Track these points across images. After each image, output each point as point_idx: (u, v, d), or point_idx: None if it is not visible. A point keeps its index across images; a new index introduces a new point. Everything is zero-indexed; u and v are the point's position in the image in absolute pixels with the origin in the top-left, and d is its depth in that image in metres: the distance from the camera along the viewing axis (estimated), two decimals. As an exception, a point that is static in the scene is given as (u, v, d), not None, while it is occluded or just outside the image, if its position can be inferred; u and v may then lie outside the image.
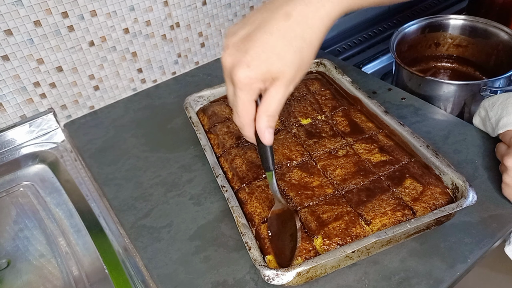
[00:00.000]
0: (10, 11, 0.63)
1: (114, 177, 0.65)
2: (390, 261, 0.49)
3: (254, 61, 0.41)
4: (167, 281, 0.50)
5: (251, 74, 0.41)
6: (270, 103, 0.43)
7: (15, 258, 0.59)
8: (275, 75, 0.42)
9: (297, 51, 0.42)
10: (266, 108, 0.44)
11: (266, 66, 0.41)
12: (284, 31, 0.41)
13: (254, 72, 0.41)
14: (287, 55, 0.42)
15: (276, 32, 0.41)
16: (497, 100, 0.59)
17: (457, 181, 0.51)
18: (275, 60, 0.41)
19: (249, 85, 0.42)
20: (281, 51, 0.42)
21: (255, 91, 0.43)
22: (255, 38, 0.42)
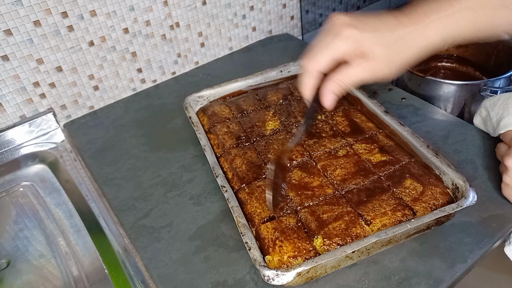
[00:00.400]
0: (10, 11, 0.63)
1: (114, 177, 0.65)
2: (390, 261, 0.49)
3: (365, 30, 0.46)
4: (167, 281, 0.50)
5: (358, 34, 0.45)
6: (348, 74, 0.47)
7: (15, 258, 0.59)
8: (367, 50, 0.46)
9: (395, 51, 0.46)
10: (342, 75, 0.47)
11: (366, 36, 0.46)
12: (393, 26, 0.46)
13: (362, 35, 0.45)
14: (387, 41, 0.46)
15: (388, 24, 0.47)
16: (498, 100, 0.59)
17: (457, 181, 0.51)
18: (376, 40, 0.46)
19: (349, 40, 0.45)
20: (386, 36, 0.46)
21: (347, 51, 0.46)
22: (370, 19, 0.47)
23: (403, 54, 0.47)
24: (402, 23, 0.47)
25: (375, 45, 0.46)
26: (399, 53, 0.47)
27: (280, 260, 0.46)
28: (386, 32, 0.46)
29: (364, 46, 0.46)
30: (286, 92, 0.71)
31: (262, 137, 0.63)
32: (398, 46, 0.46)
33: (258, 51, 0.93)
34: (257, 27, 0.94)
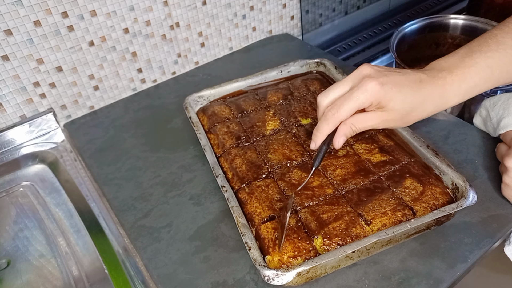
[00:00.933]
0: (10, 11, 0.63)
1: (114, 177, 0.65)
2: (390, 261, 0.49)
3: (385, 83, 0.48)
4: (167, 281, 0.50)
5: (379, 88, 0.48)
6: (362, 120, 0.50)
7: (15, 258, 0.59)
8: (384, 104, 0.49)
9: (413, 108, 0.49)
10: (356, 121, 0.50)
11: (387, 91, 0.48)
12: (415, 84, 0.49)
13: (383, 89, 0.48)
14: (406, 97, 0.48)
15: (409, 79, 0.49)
16: (498, 100, 0.59)
17: (457, 181, 0.51)
18: (395, 94, 0.48)
19: (370, 93, 0.48)
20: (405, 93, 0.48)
21: (367, 103, 0.49)
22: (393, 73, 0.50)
23: (420, 112, 0.50)
24: (423, 82, 0.49)
25: (393, 101, 0.48)
26: (417, 111, 0.50)
27: (280, 260, 0.46)
28: (408, 89, 0.49)
29: (382, 101, 0.48)
30: (286, 92, 0.71)
31: (262, 137, 0.63)
32: (417, 105, 0.49)
33: (258, 51, 0.93)
34: (257, 27, 0.94)
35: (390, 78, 0.49)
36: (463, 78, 0.49)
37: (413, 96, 0.49)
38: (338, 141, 0.51)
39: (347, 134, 0.51)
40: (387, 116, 0.49)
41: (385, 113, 0.49)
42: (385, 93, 0.48)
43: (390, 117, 0.50)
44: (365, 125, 0.50)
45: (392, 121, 0.50)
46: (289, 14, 0.97)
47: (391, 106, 0.49)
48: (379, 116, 0.50)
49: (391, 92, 0.48)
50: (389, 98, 0.48)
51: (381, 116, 0.50)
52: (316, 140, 0.52)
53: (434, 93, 0.49)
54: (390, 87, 0.48)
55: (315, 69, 0.78)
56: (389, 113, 0.49)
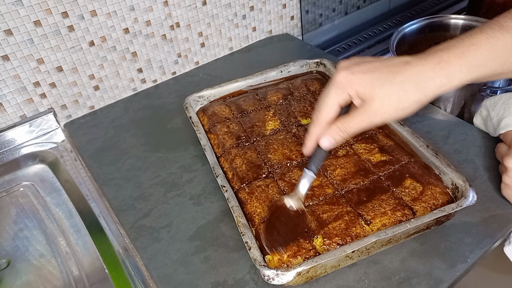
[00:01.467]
0: (10, 11, 0.63)
1: (114, 177, 0.65)
2: (390, 261, 0.49)
3: (357, 71, 0.44)
4: (167, 281, 0.50)
5: (350, 77, 0.44)
6: (349, 119, 0.46)
7: (15, 258, 0.59)
8: (363, 93, 0.44)
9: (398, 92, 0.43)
10: (345, 121, 0.46)
11: (366, 82, 0.44)
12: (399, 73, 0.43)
13: (354, 77, 0.44)
14: (385, 81, 0.43)
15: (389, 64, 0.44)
16: (499, 100, 0.59)
17: (457, 181, 0.51)
18: (377, 86, 0.43)
19: (342, 85, 0.45)
20: (383, 77, 0.43)
21: (343, 96, 0.45)
22: (372, 61, 0.45)
23: (414, 94, 0.43)
24: (409, 64, 0.44)
25: (377, 89, 0.43)
26: (412, 99, 0.43)
27: (280, 260, 0.46)
28: (386, 73, 0.43)
29: (359, 90, 0.44)
30: (286, 92, 0.71)
31: (262, 137, 0.63)
32: (411, 92, 0.43)
33: (258, 51, 0.93)
34: (257, 27, 0.94)
35: (365, 66, 0.45)
36: (461, 56, 0.43)
37: (394, 78, 0.43)
38: (322, 142, 0.47)
39: (333, 136, 0.47)
40: (373, 107, 0.44)
41: (370, 105, 0.44)
42: (358, 80, 0.44)
43: (377, 107, 0.44)
44: (355, 124, 0.46)
45: (382, 112, 0.44)
46: (289, 14, 0.97)
47: (371, 94, 0.43)
48: (365, 110, 0.44)
49: (365, 79, 0.44)
50: (365, 85, 0.44)
51: (367, 110, 0.44)
52: (306, 144, 0.49)
53: (425, 73, 0.43)
54: (362, 74, 0.44)
55: (315, 69, 0.78)
56: (374, 103, 0.43)
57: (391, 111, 0.44)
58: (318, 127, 0.47)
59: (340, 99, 0.46)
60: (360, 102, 0.45)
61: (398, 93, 0.43)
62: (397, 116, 0.45)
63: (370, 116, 0.44)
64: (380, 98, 0.43)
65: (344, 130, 0.46)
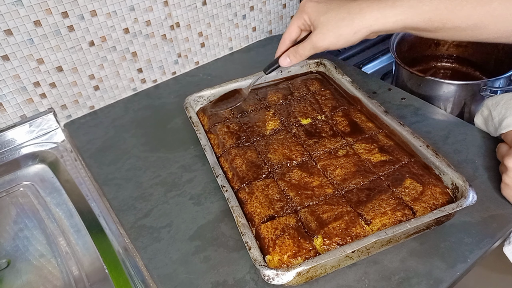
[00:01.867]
0: (10, 11, 0.63)
1: (114, 177, 0.65)
2: (390, 261, 0.49)
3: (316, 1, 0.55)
4: (167, 281, 0.50)
5: (307, 4, 0.56)
6: (301, 45, 0.58)
7: (15, 258, 0.59)
8: (314, 23, 0.55)
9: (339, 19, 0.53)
10: (298, 48, 0.58)
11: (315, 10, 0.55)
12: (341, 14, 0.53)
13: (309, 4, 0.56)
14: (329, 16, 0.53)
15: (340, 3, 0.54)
16: (501, 99, 0.59)
17: (457, 181, 0.51)
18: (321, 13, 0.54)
19: (300, 10, 0.57)
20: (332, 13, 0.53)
21: (301, 20, 0.57)
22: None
23: (351, 27, 0.52)
24: (358, 4, 0.52)
25: (322, 15, 0.54)
26: (347, 26, 0.52)
27: (280, 260, 0.46)
28: (337, 6, 0.53)
29: (314, 17, 0.55)
30: (286, 92, 0.71)
31: (262, 137, 0.63)
32: (347, 19, 0.52)
33: (258, 51, 0.93)
34: (257, 27, 0.94)
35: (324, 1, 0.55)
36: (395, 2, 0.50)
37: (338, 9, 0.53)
38: (281, 60, 0.61)
39: (289, 55, 0.59)
40: (317, 32, 0.54)
41: (315, 30, 0.55)
42: (311, 8, 0.55)
43: (319, 32, 0.54)
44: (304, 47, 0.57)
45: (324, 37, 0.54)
46: (289, 14, 0.97)
47: (316, 20, 0.54)
48: (312, 35, 0.55)
49: (316, 7, 0.55)
50: (314, 12, 0.54)
51: (313, 35, 0.55)
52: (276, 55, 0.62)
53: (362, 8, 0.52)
54: (316, 3, 0.55)
55: (315, 69, 0.78)
56: (318, 29, 0.54)
57: (331, 37, 0.54)
58: (283, 46, 0.61)
59: (299, 22, 0.58)
60: (312, 28, 0.56)
61: (336, 21, 0.53)
62: (338, 43, 0.54)
63: (315, 41, 0.55)
64: (322, 24, 0.54)
65: (295, 51, 0.58)
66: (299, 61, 0.59)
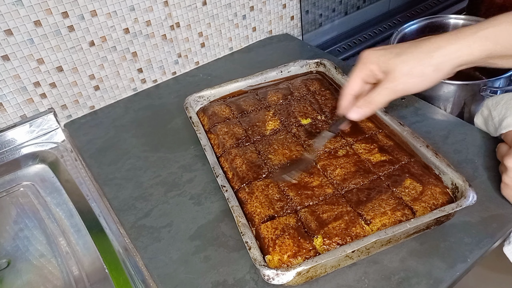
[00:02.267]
0: (10, 11, 0.63)
1: (114, 177, 0.65)
2: (390, 261, 0.49)
3: (381, 49, 0.51)
4: (167, 281, 0.50)
5: (372, 54, 0.51)
6: (374, 94, 0.51)
7: (15, 258, 0.60)
8: (386, 69, 0.49)
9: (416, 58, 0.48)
10: (368, 96, 0.52)
11: (386, 56, 0.50)
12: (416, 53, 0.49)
13: (375, 53, 0.51)
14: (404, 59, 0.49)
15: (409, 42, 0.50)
16: (501, 99, 0.59)
17: (457, 181, 0.51)
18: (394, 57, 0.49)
19: (364, 61, 0.51)
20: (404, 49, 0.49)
21: (365, 71, 0.52)
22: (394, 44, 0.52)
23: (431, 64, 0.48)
24: (432, 39, 0.48)
25: (393, 59, 0.49)
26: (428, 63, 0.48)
27: (280, 260, 0.46)
28: (409, 48, 0.49)
29: (381, 65, 0.50)
30: (286, 92, 0.71)
31: (262, 137, 0.63)
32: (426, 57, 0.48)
33: (258, 51, 0.93)
34: (257, 28, 0.94)
35: (388, 46, 0.51)
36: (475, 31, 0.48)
37: (410, 50, 0.49)
38: (350, 113, 0.54)
39: (360, 107, 0.53)
40: (392, 76, 0.49)
41: (389, 75, 0.49)
42: (379, 56, 0.50)
43: (395, 77, 0.49)
44: (378, 94, 0.51)
45: (401, 81, 0.49)
46: (289, 14, 0.97)
47: (389, 65, 0.49)
48: (386, 81, 0.50)
49: (385, 54, 0.50)
50: (385, 59, 0.49)
51: (388, 81, 0.50)
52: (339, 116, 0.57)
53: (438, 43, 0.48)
54: (383, 50, 0.50)
55: (315, 69, 0.78)
56: (393, 73, 0.49)
57: (409, 79, 0.49)
58: (345, 101, 0.55)
59: (363, 74, 0.52)
60: (383, 76, 0.50)
61: (413, 61, 0.48)
62: (417, 84, 0.49)
63: (391, 86, 0.50)
64: (398, 68, 0.49)
65: (369, 101, 0.52)
66: (372, 112, 0.53)
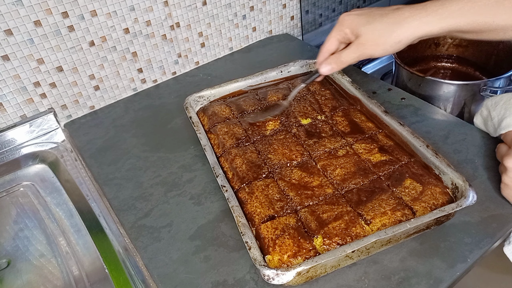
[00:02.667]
0: (10, 11, 0.63)
1: (114, 177, 0.65)
2: (390, 261, 0.49)
3: (356, 14, 0.55)
4: (167, 280, 0.50)
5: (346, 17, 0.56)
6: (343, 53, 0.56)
7: (15, 258, 0.60)
8: (359, 31, 0.54)
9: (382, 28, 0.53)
10: (338, 54, 0.57)
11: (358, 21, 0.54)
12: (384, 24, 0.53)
13: (349, 17, 0.55)
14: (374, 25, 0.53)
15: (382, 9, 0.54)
16: (500, 100, 0.59)
17: (457, 181, 0.51)
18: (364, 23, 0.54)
19: (340, 24, 0.56)
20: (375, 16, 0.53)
21: (341, 32, 0.56)
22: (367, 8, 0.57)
23: (395, 36, 0.52)
24: (400, 10, 0.53)
25: (363, 26, 0.54)
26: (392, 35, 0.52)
27: (280, 260, 0.46)
28: (379, 16, 0.53)
29: (356, 28, 0.54)
30: (286, 92, 0.71)
31: (262, 137, 0.63)
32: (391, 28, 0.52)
33: (258, 51, 0.93)
34: (257, 28, 0.94)
35: (361, 10, 0.56)
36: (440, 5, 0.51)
37: (381, 18, 0.53)
38: (321, 67, 0.59)
39: (330, 63, 0.58)
40: (361, 40, 0.54)
41: (359, 39, 0.54)
42: (352, 20, 0.55)
43: (364, 41, 0.54)
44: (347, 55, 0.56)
45: (368, 44, 0.54)
46: (289, 14, 0.97)
47: (360, 30, 0.54)
48: (355, 43, 0.55)
49: (358, 19, 0.54)
50: (356, 24, 0.54)
51: (357, 43, 0.55)
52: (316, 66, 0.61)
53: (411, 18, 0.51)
54: (357, 15, 0.55)
55: (315, 69, 0.78)
56: (361, 37, 0.54)
57: (375, 44, 0.54)
58: (321, 57, 0.59)
59: (338, 35, 0.57)
60: (353, 39, 0.55)
61: (380, 29, 0.53)
62: (382, 49, 0.54)
63: (360, 49, 0.55)
64: (366, 33, 0.54)
65: (338, 58, 0.57)
66: (340, 68, 0.58)
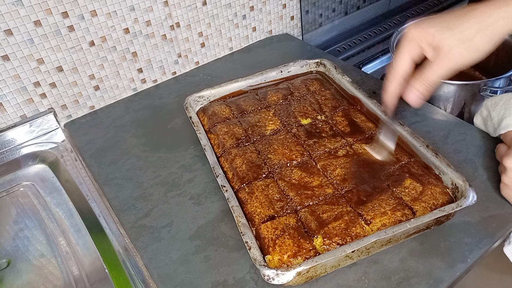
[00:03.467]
0: (10, 11, 0.63)
1: (114, 177, 0.65)
2: (390, 261, 0.49)
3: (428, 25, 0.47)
4: (167, 280, 0.50)
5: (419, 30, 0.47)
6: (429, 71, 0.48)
7: (15, 258, 0.60)
8: (436, 44, 0.46)
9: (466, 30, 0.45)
10: (424, 74, 0.48)
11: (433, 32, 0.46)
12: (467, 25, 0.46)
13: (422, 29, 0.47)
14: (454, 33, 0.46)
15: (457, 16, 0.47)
16: (500, 100, 0.59)
17: (457, 181, 0.51)
18: (442, 32, 0.46)
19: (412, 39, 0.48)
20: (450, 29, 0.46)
21: (415, 48, 0.48)
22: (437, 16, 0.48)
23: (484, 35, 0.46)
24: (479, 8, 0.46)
25: (443, 33, 0.46)
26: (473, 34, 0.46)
27: (280, 260, 0.46)
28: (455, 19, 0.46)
29: (429, 40, 0.47)
30: (286, 92, 0.71)
31: (262, 137, 0.63)
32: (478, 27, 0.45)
33: (258, 51, 0.93)
34: (257, 27, 0.94)
35: (432, 19, 0.48)
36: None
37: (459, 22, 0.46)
38: (409, 96, 0.50)
39: (418, 88, 0.49)
40: (443, 52, 0.46)
41: (440, 51, 0.47)
42: (427, 32, 0.47)
43: (446, 52, 0.46)
44: (432, 72, 0.48)
45: (453, 55, 0.46)
46: (289, 14, 0.97)
47: (439, 41, 0.46)
48: (438, 57, 0.47)
49: (433, 29, 0.47)
50: (433, 35, 0.46)
51: (440, 57, 0.47)
52: (386, 102, 0.52)
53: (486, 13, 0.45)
54: (430, 26, 0.47)
55: (315, 69, 0.78)
56: (443, 49, 0.46)
57: (461, 53, 0.46)
58: (394, 83, 0.50)
59: (412, 52, 0.48)
60: (433, 53, 0.47)
61: (462, 35, 0.45)
62: (471, 57, 0.47)
63: (444, 62, 0.47)
64: (447, 43, 0.46)
65: (425, 79, 0.48)
66: (430, 92, 0.49)
